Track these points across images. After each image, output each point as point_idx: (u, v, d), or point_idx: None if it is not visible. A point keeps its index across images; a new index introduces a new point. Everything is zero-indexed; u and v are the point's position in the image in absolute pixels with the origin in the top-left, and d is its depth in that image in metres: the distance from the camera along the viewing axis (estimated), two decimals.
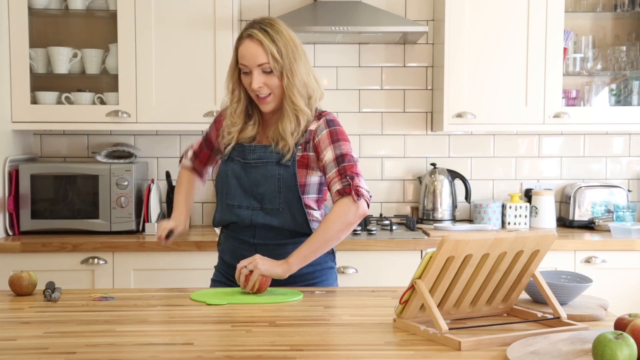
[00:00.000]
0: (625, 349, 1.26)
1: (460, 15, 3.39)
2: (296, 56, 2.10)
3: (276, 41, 2.07)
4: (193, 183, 2.41)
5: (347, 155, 2.10)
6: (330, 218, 2.06)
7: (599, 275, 3.08)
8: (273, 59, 2.06)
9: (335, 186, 2.08)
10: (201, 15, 3.32)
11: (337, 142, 2.12)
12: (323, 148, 2.12)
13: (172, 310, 1.87)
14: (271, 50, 2.05)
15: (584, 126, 3.51)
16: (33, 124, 3.37)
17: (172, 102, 3.34)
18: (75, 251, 3.07)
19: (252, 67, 2.08)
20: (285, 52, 2.07)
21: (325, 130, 2.13)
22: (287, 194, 2.13)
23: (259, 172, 2.14)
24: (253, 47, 2.07)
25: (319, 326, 1.70)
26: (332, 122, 2.16)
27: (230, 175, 2.19)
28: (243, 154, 2.18)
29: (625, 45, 3.58)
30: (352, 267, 3.12)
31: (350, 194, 2.04)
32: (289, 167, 2.12)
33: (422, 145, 3.75)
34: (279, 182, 2.12)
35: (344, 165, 2.08)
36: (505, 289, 1.73)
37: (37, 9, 3.36)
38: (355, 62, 3.71)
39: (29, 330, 1.65)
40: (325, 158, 2.11)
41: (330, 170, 2.10)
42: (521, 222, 3.53)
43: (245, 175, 2.16)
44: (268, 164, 2.14)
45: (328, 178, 2.11)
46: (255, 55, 2.06)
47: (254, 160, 2.16)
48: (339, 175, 2.08)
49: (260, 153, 2.16)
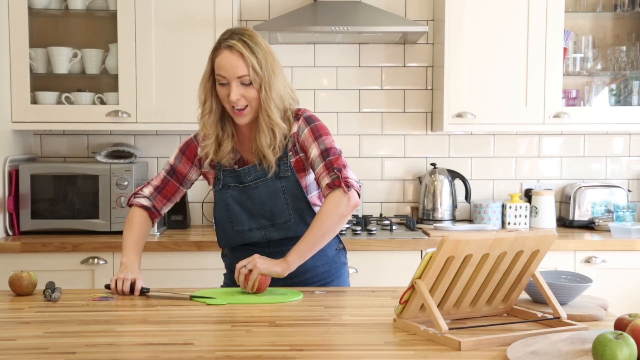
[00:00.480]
0: (625, 349, 1.26)
1: (460, 15, 3.39)
2: (274, 68, 2.07)
3: (256, 53, 2.03)
4: (146, 226, 2.25)
5: (332, 148, 2.10)
6: (323, 212, 2.05)
7: (599, 275, 3.08)
8: (254, 71, 2.02)
9: (324, 180, 2.08)
10: (201, 16, 3.32)
11: (319, 138, 2.11)
12: (308, 146, 2.12)
13: (172, 310, 1.87)
14: (252, 62, 2.02)
15: (584, 126, 3.51)
16: (33, 124, 3.36)
17: (172, 102, 3.34)
18: (75, 251, 3.07)
19: (230, 78, 2.03)
20: (265, 64, 2.04)
21: (307, 129, 2.12)
22: (295, 203, 2.14)
23: (261, 191, 2.13)
24: (233, 59, 2.03)
25: (319, 326, 1.70)
26: (311, 119, 2.15)
27: (230, 202, 2.16)
28: (238, 178, 2.15)
29: (625, 45, 3.58)
30: (352, 267, 3.12)
31: (340, 186, 2.04)
32: (289, 177, 2.12)
33: (422, 145, 3.75)
34: (285, 194, 2.13)
35: (329, 159, 2.09)
36: (505, 289, 1.73)
37: (37, 9, 3.36)
38: (355, 62, 3.71)
39: (29, 330, 1.65)
40: (311, 155, 2.11)
41: (317, 166, 2.10)
42: (521, 222, 3.53)
43: (248, 199, 2.14)
44: (268, 180, 2.13)
45: (317, 174, 2.11)
46: (235, 67, 2.02)
47: (253, 182, 2.14)
48: (327, 169, 2.08)
49: (255, 173, 2.13)
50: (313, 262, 2.15)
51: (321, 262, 2.20)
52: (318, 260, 2.17)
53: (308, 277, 2.18)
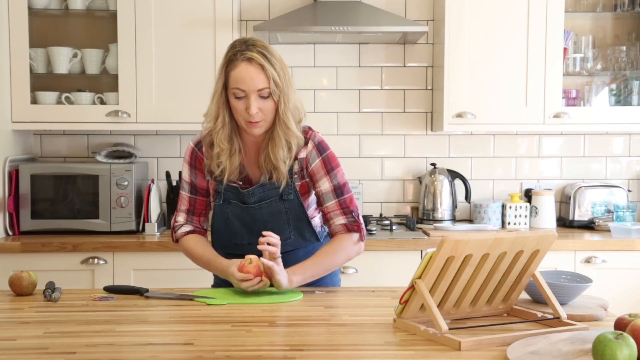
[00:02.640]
0: (625, 349, 1.27)
1: (460, 15, 3.39)
2: (290, 79, 2.05)
3: (274, 65, 2.00)
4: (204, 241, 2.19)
5: (345, 185, 2.13)
6: (338, 250, 2.10)
7: (599, 275, 3.09)
8: (274, 84, 1.99)
9: (339, 219, 2.12)
10: (201, 16, 3.32)
11: (332, 172, 2.12)
12: (318, 178, 2.11)
13: (172, 310, 1.87)
14: (272, 74, 1.98)
15: (584, 126, 3.51)
16: (33, 124, 3.36)
17: (172, 102, 3.34)
18: (75, 251, 3.07)
19: (250, 91, 1.98)
20: (283, 75, 2.01)
21: (319, 160, 2.11)
22: (297, 223, 2.15)
23: (263, 212, 2.12)
24: (253, 72, 1.97)
25: (319, 326, 1.70)
26: (322, 147, 2.13)
27: (231, 217, 2.14)
28: (241, 198, 2.12)
29: (625, 45, 3.58)
30: (352, 267, 3.12)
31: (360, 233, 2.13)
32: (293, 200, 2.12)
33: (422, 145, 3.75)
34: (287, 215, 2.13)
35: (344, 198, 2.12)
36: (505, 289, 1.73)
37: (37, 9, 3.36)
38: (355, 62, 3.71)
39: (29, 330, 1.65)
40: (322, 188, 2.11)
41: (328, 201, 2.12)
42: (521, 222, 3.53)
43: (249, 217, 2.13)
44: (272, 202, 2.12)
45: (327, 208, 2.12)
46: (255, 80, 1.97)
47: (257, 204, 2.12)
48: (341, 208, 2.11)
49: (259, 194, 2.11)
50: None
51: None
52: None
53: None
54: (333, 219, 2.12)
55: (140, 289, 2.03)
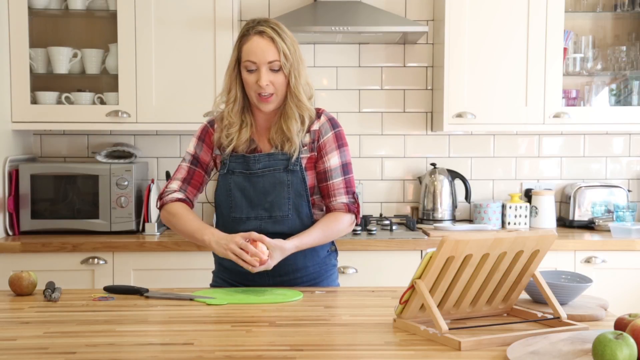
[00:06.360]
0: (625, 349, 1.27)
1: (460, 15, 3.39)
2: (301, 56, 2.12)
3: (285, 39, 2.08)
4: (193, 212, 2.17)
5: (351, 165, 2.20)
6: (333, 225, 2.14)
7: (599, 275, 3.09)
8: (284, 57, 2.06)
9: (341, 198, 2.16)
10: (201, 15, 3.32)
11: (342, 148, 2.19)
12: (329, 151, 2.16)
13: (172, 310, 1.87)
14: (283, 47, 2.06)
15: (584, 126, 3.51)
16: (33, 124, 3.37)
17: (172, 102, 3.34)
18: (75, 251, 3.07)
19: (261, 63, 2.06)
20: (293, 50, 2.09)
21: (331, 133, 2.18)
22: (296, 200, 2.14)
23: (266, 180, 2.13)
24: (264, 44, 2.06)
25: (319, 326, 1.70)
26: (335, 123, 2.21)
27: (233, 188, 2.15)
28: (246, 165, 2.14)
29: (625, 45, 3.58)
30: (352, 267, 3.12)
31: (356, 216, 2.18)
32: (297, 172, 2.13)
33: (422, 145, 3.75)
34: (289, 188, 2.13)
35: (349, 177, 2.18)
36: (505, 289, 1.73)
37: (37, 9, 3.36)
38: (355, 62, 3.71)
39: (29, 330, 1.65)
40: (330, 163, 2.15)
41: (336, 177, 2.16)
42: (521, 222, 3.53)
43: (251, 186, 2.14)
44: (275, 171, 2.13)
45: (333, 184, 2.15)
46: (266, 52, 2.05)
47: (261, 170, 2.14)
48: (346, 187, 2.17)
49: (265, 162, 2.14)
50: (304, 262, 2.16)
51: (312, 263, 2.19)
52: (309, 260, 2.18)
53: (298, 276, 2.17)
54: (336, 196, 2.16)
55: (140, 289, 2.03)
